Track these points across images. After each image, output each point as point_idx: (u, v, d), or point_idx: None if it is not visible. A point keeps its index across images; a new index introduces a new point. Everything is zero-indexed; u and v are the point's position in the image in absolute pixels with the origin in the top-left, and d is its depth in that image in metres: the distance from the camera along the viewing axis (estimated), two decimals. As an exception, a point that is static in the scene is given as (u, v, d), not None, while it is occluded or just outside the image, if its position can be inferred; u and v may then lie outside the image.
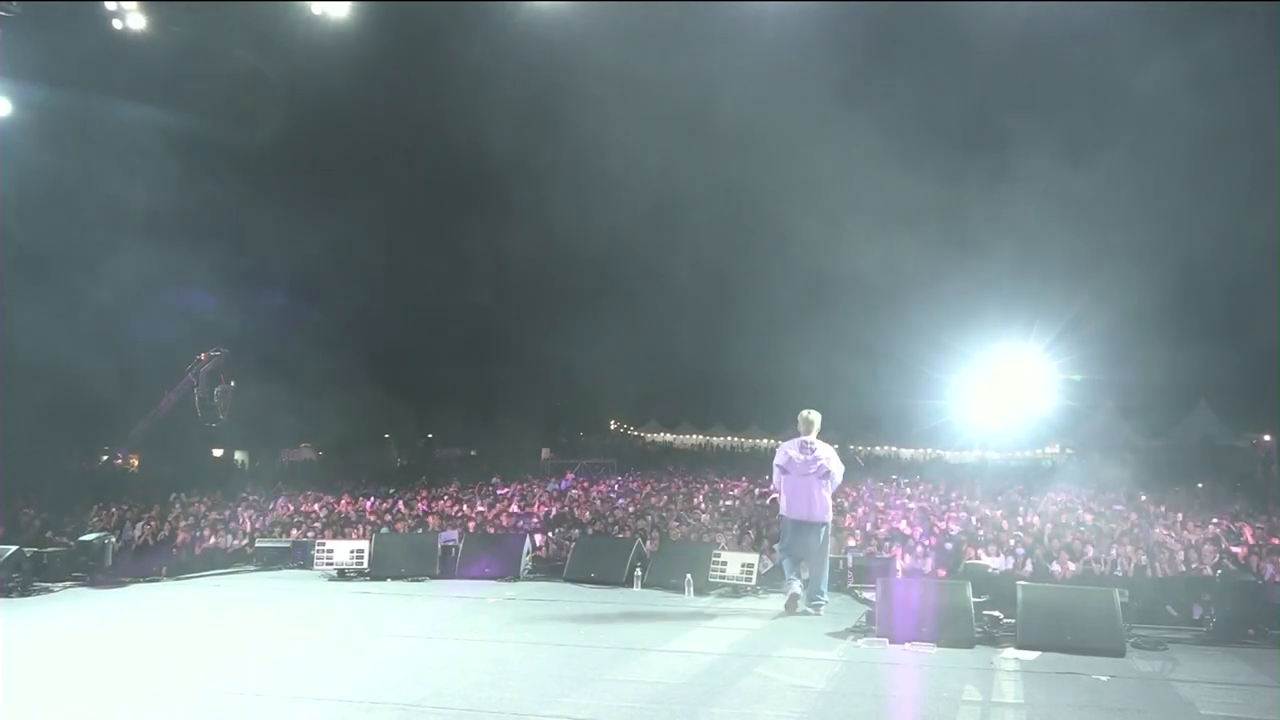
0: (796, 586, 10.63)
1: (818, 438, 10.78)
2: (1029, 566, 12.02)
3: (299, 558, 15.36)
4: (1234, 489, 22.38)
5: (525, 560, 13.96)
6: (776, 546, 11.89)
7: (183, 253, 22.38)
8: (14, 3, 14.06)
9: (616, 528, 15.94)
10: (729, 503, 19.16)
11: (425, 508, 18.02)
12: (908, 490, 21.37)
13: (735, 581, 12.08)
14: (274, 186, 23.33)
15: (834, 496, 11.55)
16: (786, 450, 10.80)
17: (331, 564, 13.93)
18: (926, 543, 13.36)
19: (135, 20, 15.94)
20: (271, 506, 18.54)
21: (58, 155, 19.51)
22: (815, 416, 10.77)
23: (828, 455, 10.71)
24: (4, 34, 14.60)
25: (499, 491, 20.77)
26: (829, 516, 10.86)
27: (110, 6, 15.79)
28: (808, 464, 10.60)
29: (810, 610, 10.52)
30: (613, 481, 24.63)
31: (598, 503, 19.17)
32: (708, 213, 27.87)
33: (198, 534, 15.55)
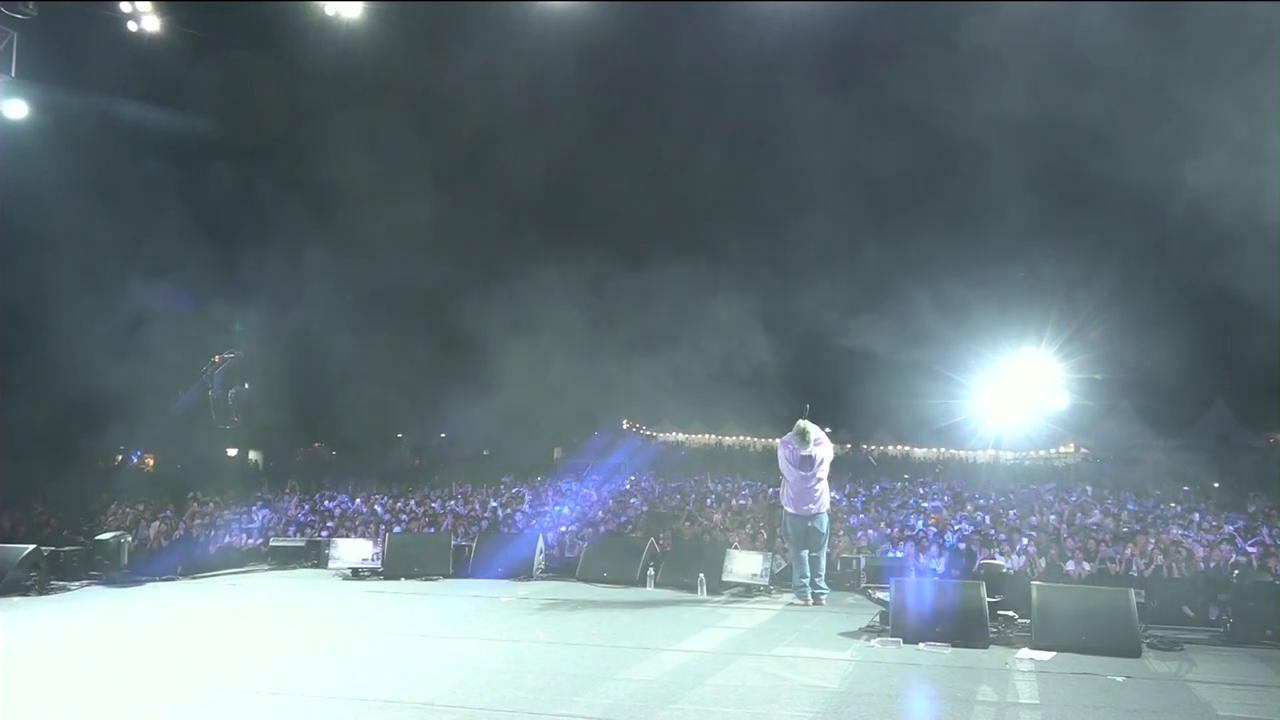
0: (805, 584, 11.45)
1: (810, 433, 11.62)
2: (1043, 566, 11.97)
3: (313, 556, 15.45)
4: (1251, 489, 22.19)
5: (538, 559, 14.00)
6: (780, 537, 12.57)
7: (194, 253, 22.53)
8: (30, 3, 14.13)
9: (629, 527, 15.96)
10: (741, 502, 19.14)
11: (439, 507, 18.07)
12: (921, 490, 21.29)
13: (748, 581, 12.10)
14: (284, 186, 23.43)
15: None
16: (790, 465, 11.61)
17: (345, 563, 14.00)
18: (940, 542, 13.32)
19: (150, 22, 16.02)
20: (286, 506, 18.62)
21: (72, 156, 19.62)
22: (811, 429, 11.59)
23: (823, 456, 11.59)
24: (19, 36, 14.70)
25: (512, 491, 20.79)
26: (826, 507, 11.76)
27: (125, 8, 15.87)
28: (808, 476, 11.51)
29: (809, 601, 11.30)
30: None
31: (610, 502, 19.18)
32: (716, 211, 27.83)
33: (212, 533, 15.64)
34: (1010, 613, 9.54)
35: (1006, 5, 16.61)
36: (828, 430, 12.14)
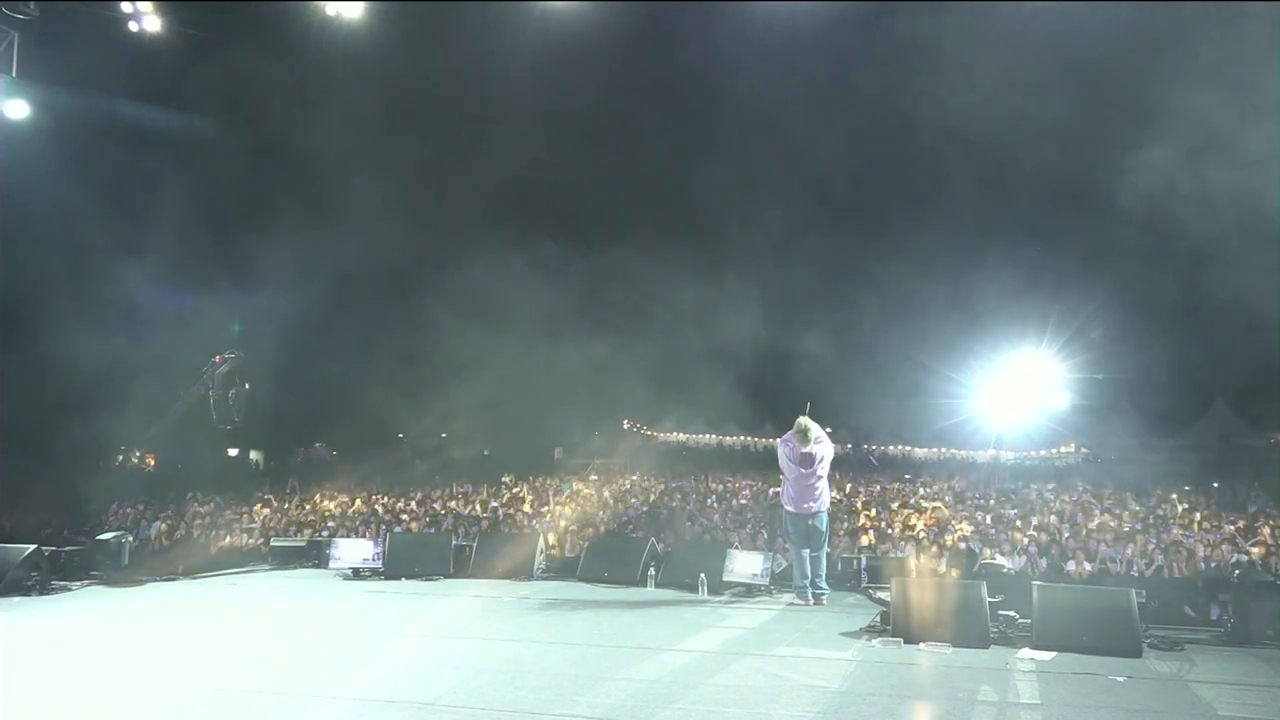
0: (805, 584, 11.45)
1: (811, 431, 11.55)
2: (1044, 566, 11.97)
3: (313, 557, 15.45)
4: (1251, 488, 22.17)
5: (539, 559, 14.00)
6: (782, 537, 12.49)
7: (195, 253, 22.57)
8: (31, 3, 14.15)
9: (630, 527, 15.96)
10: (741, 502, 19.12)
11: (439, 507, 18.07)
12: (921, 490, 21.26)
13: (748, 581, 12.09)
14: (285, 185, 23.46)
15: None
16: (790, 463, 11.57)
17: (346, 563, 14.01)
18: (941, 542, 13.31)
19: (151, 22, 16.05)
20: (287, 506, 18.62)
21: (73, 155, 19.66)
22: (812, 426, 11.52)
23: (824, 454, 11.55)
24: (20, 36, 14.72)
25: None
26: (827, 506, 11.75)
27: (126, 8, 15.89)
28: (809, 474, 11.47)
29: (809, 601, 11.29)
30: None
31: (611, 501, 19.16)
32: (717, 211, 27.87)
33: (213, 533, 15.64)
34: (1011, 612, 9.53)
35: (1009, 6, 16.64)
36: (828, 430, 12.14)
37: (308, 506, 18.67)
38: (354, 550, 14.12)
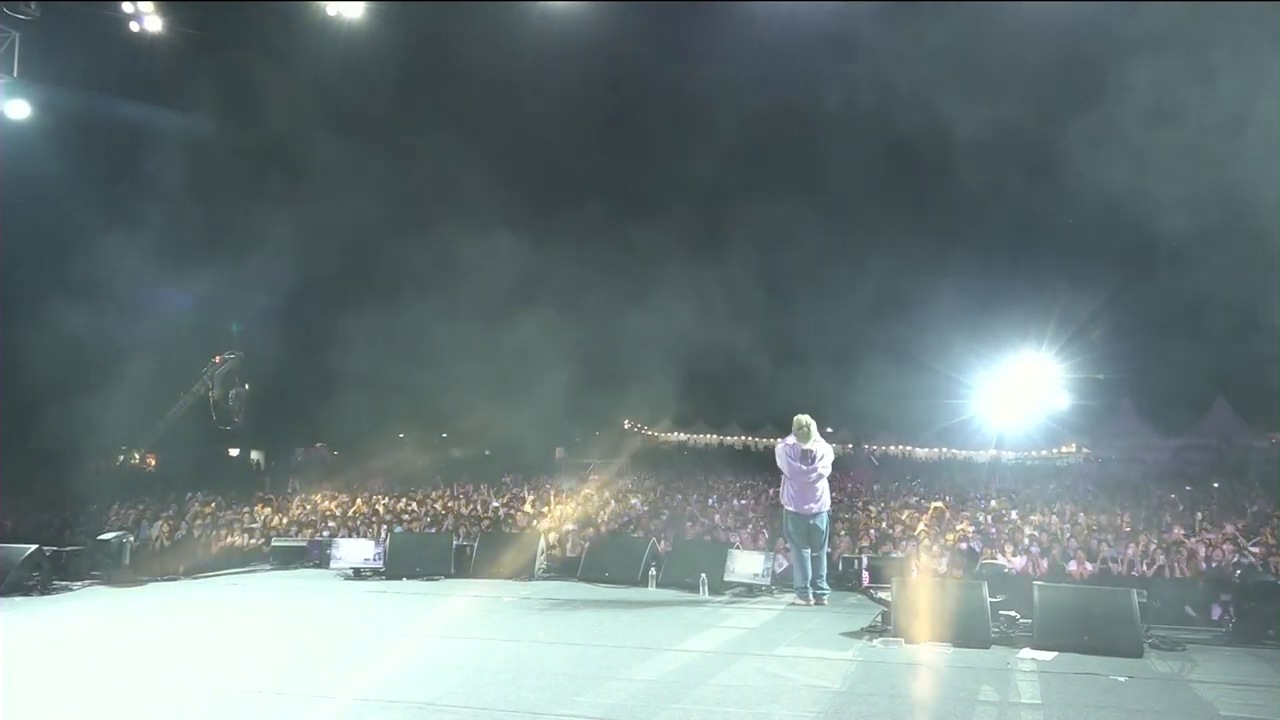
0: (806, 584, 11.44)
1: (812, 429, 11.51)
2: (1045, 566, 11.97)
3: (314, 556, 15.45)
4: (1252, 488, 22.17)
5: (540, 559, 13.99)
6: (782, 537, 12.44)
7: (195, 252, 22.60)
8: (32, 4, 14.17)
9: (631, 527, 15.96)
10: (742, 502, 19.13)
11: (440, 508, 18.07)
12: (923, 490, 21.28)
13: (749, 581, 12.09)
14: (286, 185, 23.48)
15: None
16: (790, 461, 11.53)
17: (347, 563, 14.00)
18: (942, 542, 13.31)
19: (152, 23, 16.06)
20: (288, 505, 18.61)
21: (74, 156, 19.68)
22: (812, 425, 11.46)
23: (823, 453, 11.52)
24: (21, 36, 14.74)
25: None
26: (827, 506, 11.70)
27: (127, 8, 15.90)
28: (809, 471, 11.43)
29: (810, 602, 11.29)
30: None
31: (612, 502, 19.16)
32: (714, 213, 27.88)
33: (214, 533, 15.64)
34: (1012, 613, 9.52)
35: (1009, 6, 16.66)
36: (827, 430, 12.17)
37: (308, 506, 18.67)
38: (355, 550, 14.12)
